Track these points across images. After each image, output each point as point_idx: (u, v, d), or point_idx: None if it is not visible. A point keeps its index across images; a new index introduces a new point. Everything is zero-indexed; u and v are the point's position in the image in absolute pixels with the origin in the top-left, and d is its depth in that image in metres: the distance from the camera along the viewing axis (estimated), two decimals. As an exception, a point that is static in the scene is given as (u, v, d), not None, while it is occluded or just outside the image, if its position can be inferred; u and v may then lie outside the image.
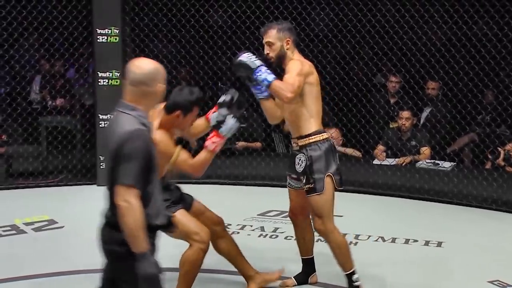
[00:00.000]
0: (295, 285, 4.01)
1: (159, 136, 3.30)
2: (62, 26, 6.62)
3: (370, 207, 5.89)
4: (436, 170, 6.51)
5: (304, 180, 3.68)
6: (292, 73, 3.55)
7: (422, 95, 7.03)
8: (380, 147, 6.93)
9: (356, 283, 3.75)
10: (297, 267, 4.06)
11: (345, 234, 4.98)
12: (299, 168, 3.71)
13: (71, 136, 6.81)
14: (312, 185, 3.65)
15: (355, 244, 4.87)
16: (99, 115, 6.39)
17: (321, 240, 3.91)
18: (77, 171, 6.68)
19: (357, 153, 7.00)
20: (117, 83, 6.38)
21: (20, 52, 7.23)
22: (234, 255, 3.87)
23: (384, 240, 4.96)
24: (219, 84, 7.98)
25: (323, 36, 7.11)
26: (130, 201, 2.42)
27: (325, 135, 3.74)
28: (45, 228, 5.16)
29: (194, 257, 3.59)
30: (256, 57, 3.53)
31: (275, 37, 3.64)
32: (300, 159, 3.70)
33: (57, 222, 5.26)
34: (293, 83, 3.51)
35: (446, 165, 6.59)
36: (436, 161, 6.65)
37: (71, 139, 6.80)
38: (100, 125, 6.37)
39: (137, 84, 2.51)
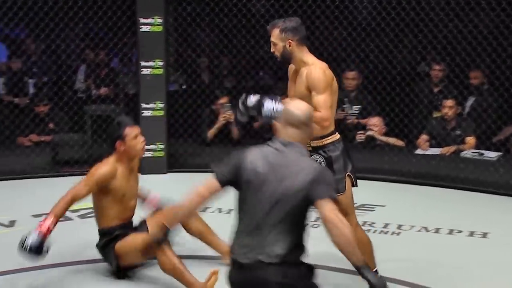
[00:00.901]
0: None
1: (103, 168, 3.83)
2: (106, 15, 6.70)
3: (413, 197, 5.83)
4: (481, 160, 6.40)
5: None
6: (320, 93, 3.44)
7: (467, 84, 6.90)
8: (424, 137, 6.84)
9: None
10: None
11: (388, 224, 4.99)
12: None
13: (115, 124, 6.88)
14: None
15: (398, 234, 4.83)
16: (142, 104, 6.46)
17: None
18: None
19: (400, 142, 6.93)
20: (160, 73, 6.43)
21: (66, 42, 7.35)
22: (205, 234, 4.03)
23: (427, 231, 4.90)
24: (260, 73, 7.98)
25: (366, 24, 7.03)
26: (338, 213, 2.53)
27: (338, 135, 3.63)
28: (90, 215, 5.21)
29: (167, 260, 3.69)
30: (275, 102, 3.42)
31: (277, 37, 3.54)
32: (317, 161, 3.57)
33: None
34: (325, 108, 3.42)
35: (492, 154, 6.47)
36: (481, 151, 6.54)
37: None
38: (143, 114, 6.45)
39: (300, 125, 2.68)
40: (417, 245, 4.62)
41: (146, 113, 6.45)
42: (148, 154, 6.49)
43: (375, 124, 6.91)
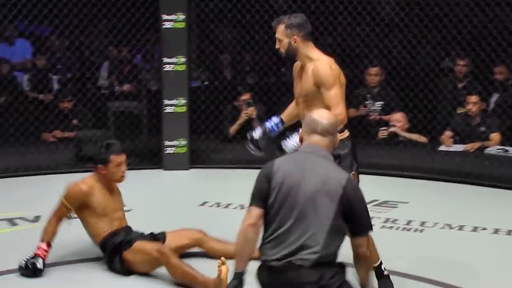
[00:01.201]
0: None
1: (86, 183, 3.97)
2: (129, 12, 6.73)
3: (437, 193, 5.79)
4: (506, 156, 6.33)
5: None
6: (330, 89, 3.42)
7: (492, 79, 6.83)
8: (448, 133, 6.77)
9: (385, 272, 3.68)
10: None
11: (411, 221, 4.95)
12: None
13: (138, 121, 6.93)
14: None
15: (421, 231, 4.80)
16: (165, 100, 6.49)
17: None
18: (143, 155, 6.80)
19: (423, 139, 6.87)
20: (183, 69, 6.45)
21: (89, 39, 7.40)
22: (223, 252, 3.96)
23: (451, 228, 4.86)
24: (282, 70, 7.97)
25: (389, 20, 6.98)
26: (369, 246, 2.74)
27: (347, 133, 3.57)
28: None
29: (176, 269, 3.72)
30: (285, 135, 3.44)
31: (282, 33, 3.53)
32: None
33: (124, 206, 5.36)
34: (337, 103, 3.41)
35: (517, 151, 6.41)
36: (506, 147, 6.46)
37: (137, 124, 6.92)
38: (165, 110, 6.48)
39: (325, 133, 2.76)
40: (440, 242, 4.59)
41: (168, 109, 6.48)
42: (170, 150, 6.53)
43: (398, 120, 6.86)
